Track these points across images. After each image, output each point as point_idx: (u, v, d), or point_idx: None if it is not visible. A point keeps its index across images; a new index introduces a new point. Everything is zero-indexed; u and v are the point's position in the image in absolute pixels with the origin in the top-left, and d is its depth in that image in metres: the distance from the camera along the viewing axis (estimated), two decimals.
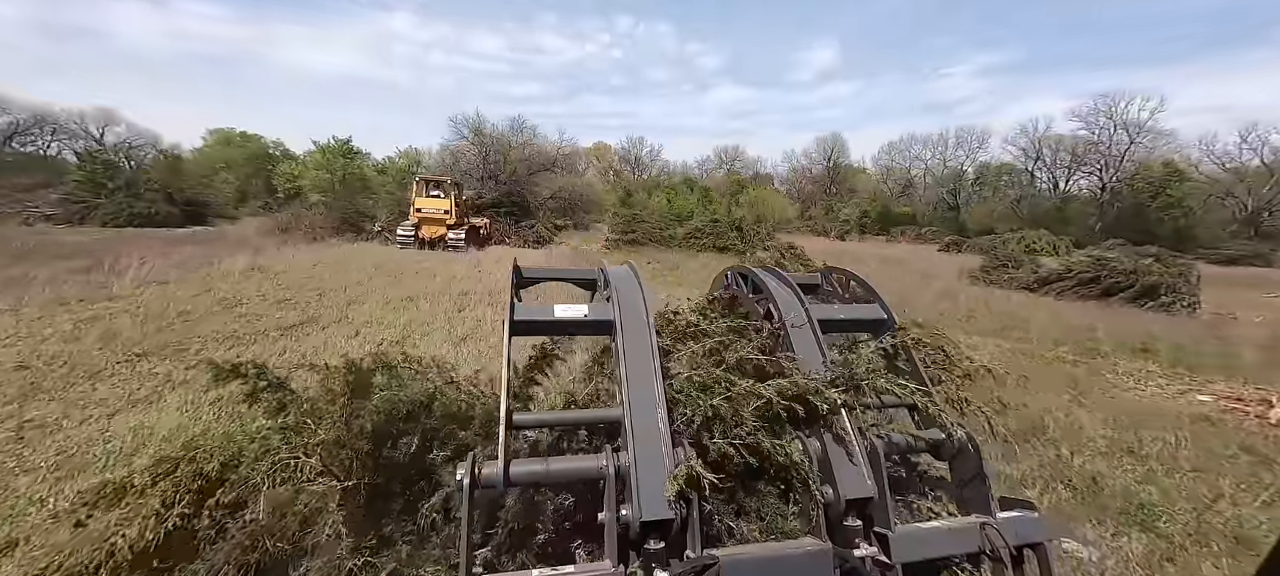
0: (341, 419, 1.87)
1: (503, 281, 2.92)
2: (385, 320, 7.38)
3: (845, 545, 1.54)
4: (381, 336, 6.53)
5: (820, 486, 1.60)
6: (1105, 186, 48.52)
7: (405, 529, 1.85)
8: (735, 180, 62.21)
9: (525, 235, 22.40)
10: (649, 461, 1.46)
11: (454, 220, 18.05)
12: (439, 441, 2.02)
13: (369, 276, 10.58)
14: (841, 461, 1.62)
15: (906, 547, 1.56)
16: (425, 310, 8.16)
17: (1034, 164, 54.89)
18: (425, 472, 1.99)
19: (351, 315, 7.59)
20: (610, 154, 62.50)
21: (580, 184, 34.19)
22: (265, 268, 11.01)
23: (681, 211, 44.79)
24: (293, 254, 13.72)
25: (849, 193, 60.56)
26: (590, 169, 46.68)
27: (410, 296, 8.95)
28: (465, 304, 8.57)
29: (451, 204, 18.27)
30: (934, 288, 12.53)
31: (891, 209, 54.84)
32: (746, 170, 68.09)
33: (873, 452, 1.65)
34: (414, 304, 8.44)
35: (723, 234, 20.50)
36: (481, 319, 7.52)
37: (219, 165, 37.14)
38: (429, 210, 18.11)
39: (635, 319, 1.88)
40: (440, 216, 17.93)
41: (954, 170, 61.26)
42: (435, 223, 17.95)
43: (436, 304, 8.50)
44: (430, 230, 17.86)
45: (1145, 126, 46.07)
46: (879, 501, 1.58)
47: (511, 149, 31.46)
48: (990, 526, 1.61)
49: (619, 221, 24.23)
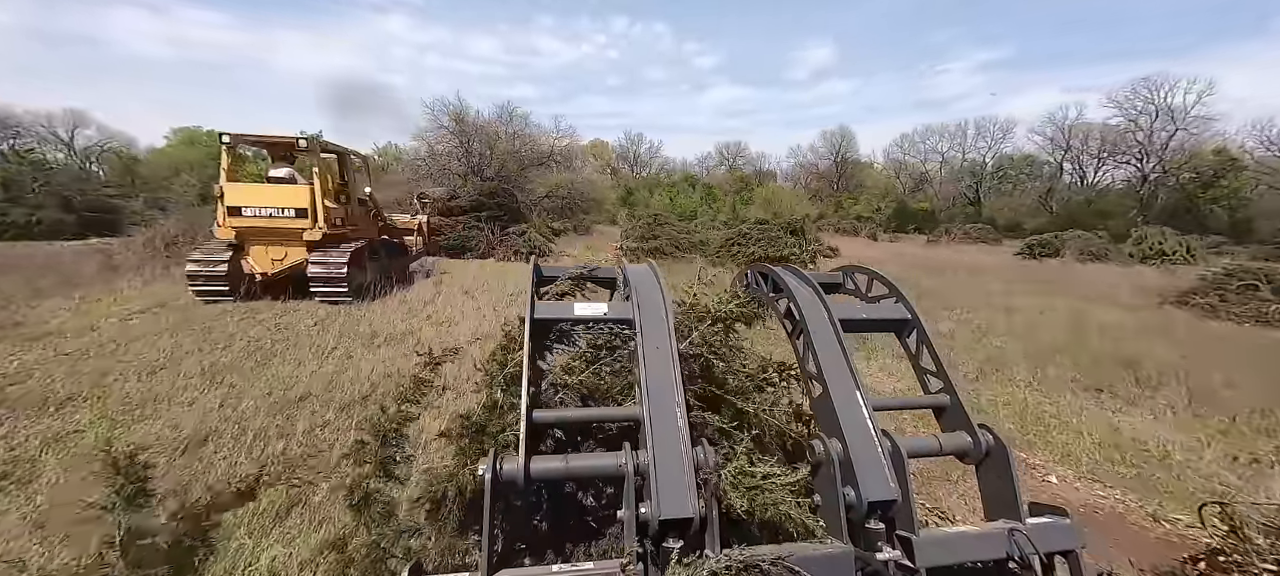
0: None
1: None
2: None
3: (868, 548, 1.46)
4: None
5: (842, 488, 1.52)
6: (1146, 177, 44.80)
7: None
8: (739, 177, 58.05)
9: (514, 244, 17.10)
10: (668, 459, 1.43)
11: (323, 227, 8.02)
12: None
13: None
14: (864, 463, 1.53)
15: (931, 552, 1.46)
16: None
17: (1064, 155, 51.07)
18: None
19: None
20: (608, 151, 57.90)
21: (580, 181, 28.96)
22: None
23: (684, 211, 40.63)
24: (86, 304, 7.30)
25: (858, 188, 56.35)
26: (588, 166, 41.71)
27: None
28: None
29: (316, 195, 7.99)
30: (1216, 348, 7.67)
31: (907, 205, 51.06)
32: (749, 167, 63.91)
33: (896, 454, 1.57)
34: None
35: (777, 239, 15.54)
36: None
37: (180, 167, 33.76)
38: (261, 207, 7.95)
39: (655, 317, 1.84)
40: (289, 224, 7.96)
41: (973, 163, 57.46)
42: (278, 238, 8.11)
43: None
44: (266, 255, 8.14)
45: (1190, 112, 42.37)
46: (903, 504, 1.50)
47: (499, 140, 26.33)
48: (1019, 532, 1.49)
49: (636, 226, 19.13)
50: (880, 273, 2.25)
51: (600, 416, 1.86)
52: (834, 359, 1.78)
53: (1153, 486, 3.58)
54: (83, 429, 3.67)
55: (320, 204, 7.97)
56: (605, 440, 1.95)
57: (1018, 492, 1.56)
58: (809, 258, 16.07)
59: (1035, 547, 1.44)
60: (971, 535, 1.56)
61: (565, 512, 1.88)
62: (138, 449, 3.36)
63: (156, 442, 3.49)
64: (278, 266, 8.23)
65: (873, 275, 2.30)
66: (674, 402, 1.56)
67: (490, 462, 1.38)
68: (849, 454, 1.54)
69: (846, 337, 1.86)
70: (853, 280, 2.43)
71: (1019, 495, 1.56)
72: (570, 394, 1.94)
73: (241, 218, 7.84)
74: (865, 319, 2.13)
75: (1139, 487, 3.56)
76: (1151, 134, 44.55)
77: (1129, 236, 20.86)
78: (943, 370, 1.85)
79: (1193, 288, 10.25)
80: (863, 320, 2.12)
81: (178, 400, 4.23)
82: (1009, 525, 1.52)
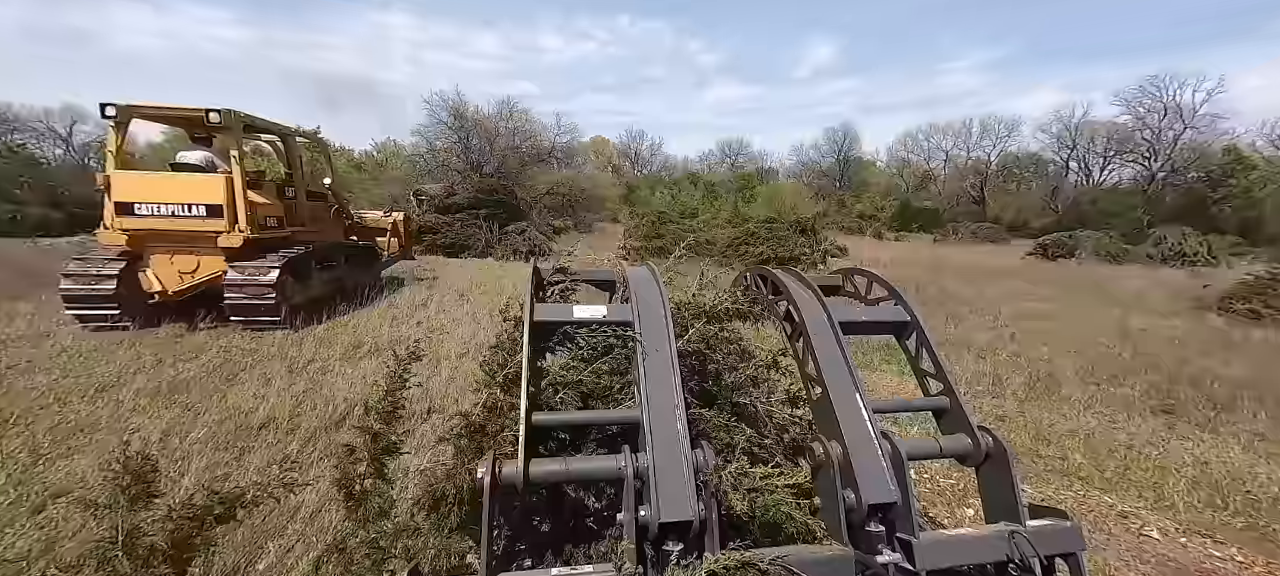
0: None
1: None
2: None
3: (868, 551, 1.47)
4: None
5: (842, 490, 1.52)
6: (1154, 176, 44.27)
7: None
8: (741, 175, 57.40)
9: (514, 243, 16.46)
10: (668, 462, 1.44)
11: (245, 229, 6.20)
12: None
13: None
14: (864, 465, 1.53)
15: (932, 555, 1.45)
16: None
17: (1070, 153, 50.52)
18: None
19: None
20: (609, 148, 57.29)
21: (581, 177, 28.30)
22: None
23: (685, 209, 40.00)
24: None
25: (861, 186, 55.75)
26: (588, 164, 41.13)
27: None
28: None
29: (236, 188, 6.17)
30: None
31: (911, 203, 50.41)
32: (751, 164, 63.22)
33: (896, 456, 1.56)
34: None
35: (784, 239, 14.90)
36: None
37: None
38: (160, 203, 6.06)
39: (654, 320, 1.84)
40: (199, 226, 6.13)
41: (977, 161, 56.81)
42: (186, 245, 6.28)
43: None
44: (172, 267, 6.30)
45: (1199, 110, 41.81)
46: (903, 507, 1.50)
47: (498, 136, 25.74)
48: (1020, 534, 1.48)
49: (640, 225, 18.50)
50: (879, 275, 2.25)
51: (600, 419, 1.85)
52: (833, 361, 1.80)
53: (1276, 539, 3.00)
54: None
55: (241, 199, 6.12)
56: (605, 442, 1.94)
57: (1018, 495, 1.55)
58: (820, 258, 15.48)
59: (1036, 550, 1.44)
60: (972, 537, 1.55)
61: (564, 515, 1.88)
62: (56, 493, 2.78)
63: (81, 484, 2.90)
64: (188, 281, 6.25)
65: (872, 277, 2.30)
66: (673, 405, 1.58)
67: (488, 465, 1.39)
68: (849, 456, 1.55)
69: (846, 340, 1.87)
70: (852, 282, 2.44)
71: (1019, 497, 1.56)
72: (569, 395, 1.90)
73: (135, 217, 6.00)
74: (865, 321, 2.13)
75: (1260, 543, 2.98)
76: (1160, 132, 44.03)
77: (1142, 236, 20.31)
78: (942, 372, 1.84)
79: (1230, 292, 9.65)
80: (863, 322, 2.12)
81: (121, 427, 3.64)
82: (1010, 527, 1.51)
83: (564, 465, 1.52)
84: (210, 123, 6.16)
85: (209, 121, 6.13)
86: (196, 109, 6.17)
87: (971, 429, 1.69)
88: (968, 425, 1.71)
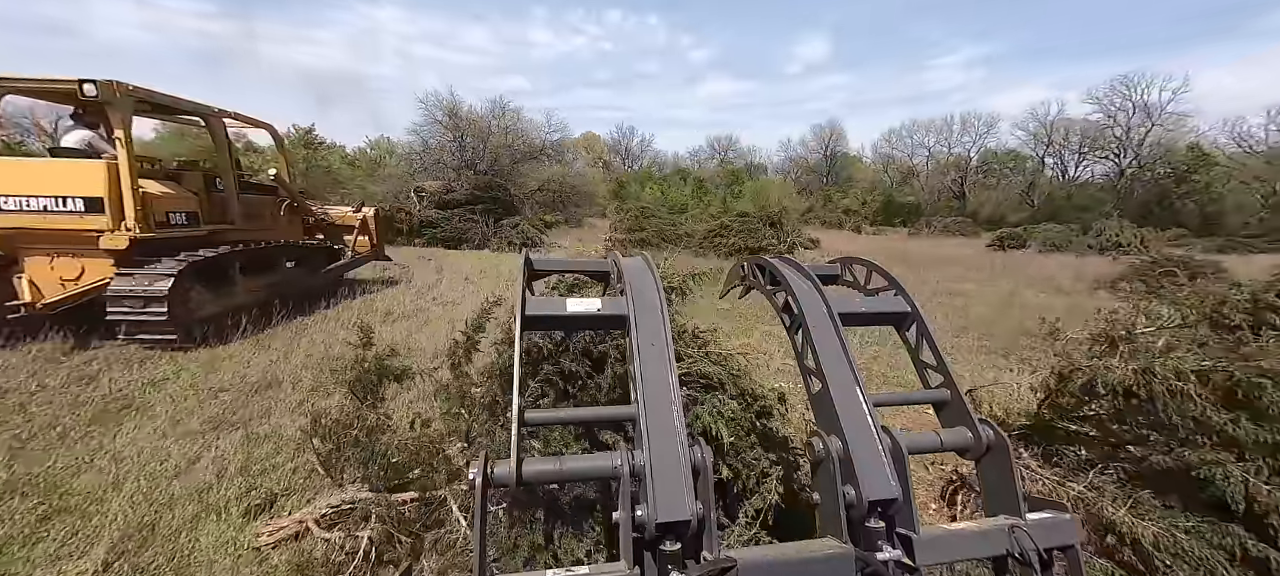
0: None
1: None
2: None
3: (868, 547, 1.44)
4: None
5: (842, 486, 1.50)
6: (1123, 172, 46.16)
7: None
8: (730, 171, 58.98)
9: (508, 236, 18.04)
10: (665, 460, 1.40)
11: (134, 228, 5.24)
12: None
13: None
14: (864, 460, 1.51)
15: (931, 550, 1.46)
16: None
17: (1045, 149, 52.41)
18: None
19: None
20: (599, 144, 58.59)
21: (572, 174, 29.84)
22: None
23: (675, 204, 41.42)
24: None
25: (847, 182, 57.49)
26: (579, 160, 42.44)
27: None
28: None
29: (122, 176, 5.16)
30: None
31: (894, 198, 52.22)
32: (740, 160, 64.93)
33: (896, 451, 1.54)
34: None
35: (756, 231, 16.55)
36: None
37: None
38: (28, 196, 5.09)
39: (649, 313, 1.79)
40: (76, 224, 5.17)
41: (958, 157, 58.66)
42: (66, 246, 5.30)
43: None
44: (52, 272, 5.33)
45: (1166, 109, 43.75)
46: (903, 502, 1.48)
47: (492, 134, 27.09)
48: (1019, 529, 1.48)
49: (625, 218, 20.10)
50: (878, 264, 2.23)
51: (594, 416, 1.85)
52: (833, 353, 1.77)
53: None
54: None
55: (129, 190, 5.16)
56: (600, 440, 1.96)
57: (1018, 488, 1.56)
58: (786, 249, 17.09)
59: (1035, 543, 1.44)
60: (972, 532, 1.54)
61: (560, 514, 1.89)
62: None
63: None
64: (71, 289, 5.31)
65: (871, 267, 2.26)
66: (670, 400, 1.54)
67: (480, 466, 1.35)
68: (849, 451, 1.53)
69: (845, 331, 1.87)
70: (851, 272, 2.39)
71: (1019, 491, 1.56)
72: (562, 390, 1.97)
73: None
74: (864, 312, 2.09)
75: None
76: (1129, 130, 45.88)
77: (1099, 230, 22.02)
78: (943, 364, 1.84)
79: (1121, 274, 11.38)
80: (862, 313, 2.09)
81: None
82: (1009, 521, 1.52)
83: (558, 464, 1.49)
84: (85, 95, 5.07)
85: (83, 93, 5.05)
86: (69, 80, 5.10)
87: (972, 422, 1.69)
88: (968, 418, 1.70)
